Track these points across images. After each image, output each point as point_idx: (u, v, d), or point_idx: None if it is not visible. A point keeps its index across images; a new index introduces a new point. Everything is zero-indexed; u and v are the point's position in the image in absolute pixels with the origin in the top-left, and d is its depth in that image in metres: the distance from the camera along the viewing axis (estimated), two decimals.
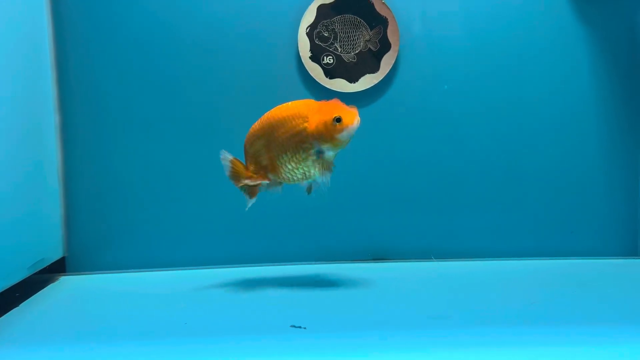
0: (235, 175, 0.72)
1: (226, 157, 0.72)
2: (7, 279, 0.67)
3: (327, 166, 0.69)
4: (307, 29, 0.83)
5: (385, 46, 0.84)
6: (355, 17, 0.84)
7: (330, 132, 0.66)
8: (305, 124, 0.67)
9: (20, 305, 0.69)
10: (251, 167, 0.72)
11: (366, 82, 0.84)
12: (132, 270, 0.85)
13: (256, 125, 0.71)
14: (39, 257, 0.75)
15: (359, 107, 0.84)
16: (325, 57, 0.84)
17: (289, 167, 0.69)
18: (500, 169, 0.86)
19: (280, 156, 0.69)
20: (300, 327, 0.59)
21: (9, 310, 0.67)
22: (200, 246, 0.86)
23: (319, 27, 0.83)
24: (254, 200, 0.73)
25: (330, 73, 0.84)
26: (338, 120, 0.66)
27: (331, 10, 0.83)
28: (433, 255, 0.86)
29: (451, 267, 0.83)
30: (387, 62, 0.84)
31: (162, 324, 0.62)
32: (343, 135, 0.66)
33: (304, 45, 0.84)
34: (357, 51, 0.84)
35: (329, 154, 0.68)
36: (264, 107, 0.84)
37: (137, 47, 0.83)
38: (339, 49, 0.84)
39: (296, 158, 0.68)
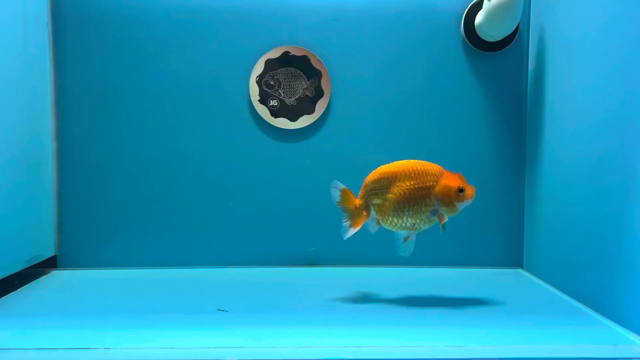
0: (343, 204, 0.82)
1: (337, 186, 0.82)
2: (7, 269, 0.88)
3: (440, 222, 0.78)
4: (256, 78, 1.04)
5: (319, 93, 1.04)
6: (296, 69, 1.04)
7: (452, 198, 0.76)
8: (434, 183, 0.77)
9: (18, 289, 0.90)
10: (361, 201, 0.81)
11: (304, 121, 1.05)
12: (112, 267, 1.05)
13: (386, 167, 0.80)
14: (34, 253, 0.96)
15: (298, 140, 1.06)
16: (271, 101, 1.04)
17: (406, 212, 0.77)
18: None
19: (402, 201, 0.77)
20: (223, 310, 0.79)
21: (8, 293, 0.88)
22: (161, 251, 1.06)
23: (266, 77, 1.04)
24: (355, 230, 0.81)
25: (275, 113, 1.04)
26: (461, 190, 0.76)
27: (276, 64, 1.04)
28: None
29: (368, 271, 1.02)
30: (321, 106, 1.04)
31: (121, 305, 0.82)
32: (460, 205, 0.77)
33: (254, 91, 1.04)
34: (296, 96, 1.04)
35: (439, 215, 0.77)
36: (225, 137, 1.05)
37: (117, 89, 1.04)
38: (282, 95, 1.04)
39: (416, 208, 0.77)
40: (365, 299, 0.86)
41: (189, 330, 0.71)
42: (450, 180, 0.77)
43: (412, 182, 0.77)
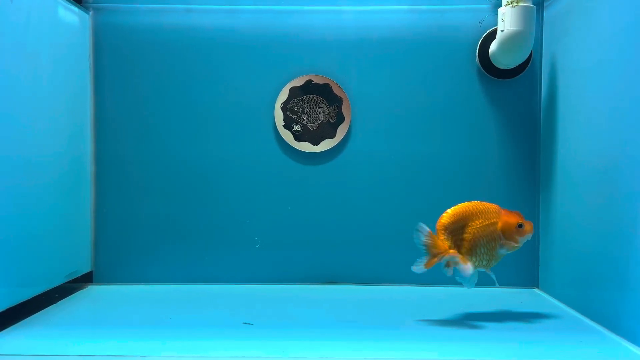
0: (431, 246, 0.83)
1: (424, 229, 0.83)
2: (49, 283, 0.94)
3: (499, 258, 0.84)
4: (281, 104, 1.10)
5: (340, 118, 1.10)
6: (318, 96, 1.10)
7: (512, 233, 0.82)
8: (497, 220, 0.82)
9: (58, 302, 0.96)
10: (448, 243, 0.84)
11: (326, 145, 1.10)
12: (144, 283, 1.11)
13: (457, 209, 0.84)
14: (72, 269, 1.02)
15: (320, 163, 1.12)
16: (294, 126, 1.10)
17: (481, 250, 0.82)
18: (421, 218, 1.08)
19: (476, 240, 0.82)
20: (249, 323, 0.83)
21: (49, 305, 0.94)
22: (190, 268, 1.11)
23: (290, 103, 1.10)
24: (425, 270, 0.83)
25: (298, 138, 1.10)
26: (520, 226, 0.82)
27: (300, 91, 1.10)
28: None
29: (386, 290, 1.06)
30: (341, 131, 1.10)
31: (153, 317, 0.87)
32: (522, 239, 0.82)
33: (279, 117, 1.10)
34: (319, 122, 1.10)
35: (503, 251, 0.83)
36: (252, 160, 1.10)
37: (152, 116, 1.11)
38: (306, 120, 1.10)
39: (489, 245, 0.82)
40: (383, 315, 0.89)
41: (217, 341, 0.76)
42: (510, 217, 0.82)
43: (480, 221, 0.82)
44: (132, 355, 0.70)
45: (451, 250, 0.83)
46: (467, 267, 0.83)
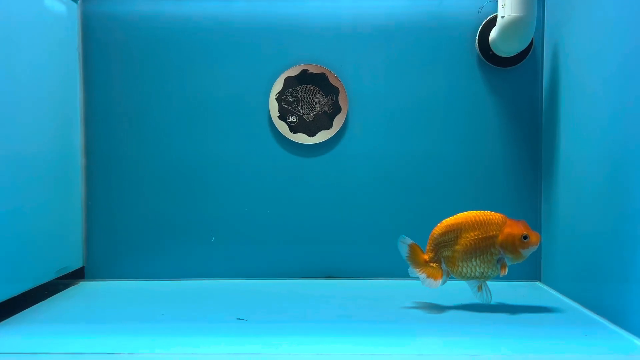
0: (413, 258, 0.84)
1: (406, 241, 0.84)
2: (38, 279, 0.92)
3: (504, 271, 0.81)
4: (276, 95, 1.07)
5: (337, 109, 1.07)
6: (314, 87, 1.07)
7: (516, 245, 0.79)
8: (497, 232, 0.80)
9: (49, 299, 0.93)
10: (430, 254, 0.84)
11: (322, 136, 1.07)
12: (137, 279, 1.08)
13: (451, 220, 0.83)
14: (63, 265, 1.00)
15: (316, 155, 1.09)
16: (290, 117, 1.07)
17: (473, 262, 0.81)
18: (421, 210, 1.07)
19: (469, 252, 0.81)
20: (243, 319, 0.81)
21: (39, 302, 0.91)
22: (183, 264, 1.09)
23: (285, 94, 1.07)
24: (439, 282, 0.83)
25: (294, 129, 1.07)
26: (525, 237, 0.79)
27: (295, 81, 1.07)
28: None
29: (384, 284, 1.04)
30: (338, 121, 1.07)
31: (145, 313, 0.85)
32: (526, 251, 0.80)
33: (274, 108, 1.07)
34: (315, 112, 1.07)
35: (507, 263, 0.81)
36: (246, 152, 1.08)
37: (143, 108, 1.08)
38: (301, 111, 1.07)
39: (482, 257, 0.81)
40: (381, 310, 0.87)
41: (210, 338, 0.73)
42: (514, 229, 0.80)
43: (476, 233, 0.81)
44: (122, 352, 0.68)
45: (426, 270, 0.84)
46: (435, 284, 0.84)
